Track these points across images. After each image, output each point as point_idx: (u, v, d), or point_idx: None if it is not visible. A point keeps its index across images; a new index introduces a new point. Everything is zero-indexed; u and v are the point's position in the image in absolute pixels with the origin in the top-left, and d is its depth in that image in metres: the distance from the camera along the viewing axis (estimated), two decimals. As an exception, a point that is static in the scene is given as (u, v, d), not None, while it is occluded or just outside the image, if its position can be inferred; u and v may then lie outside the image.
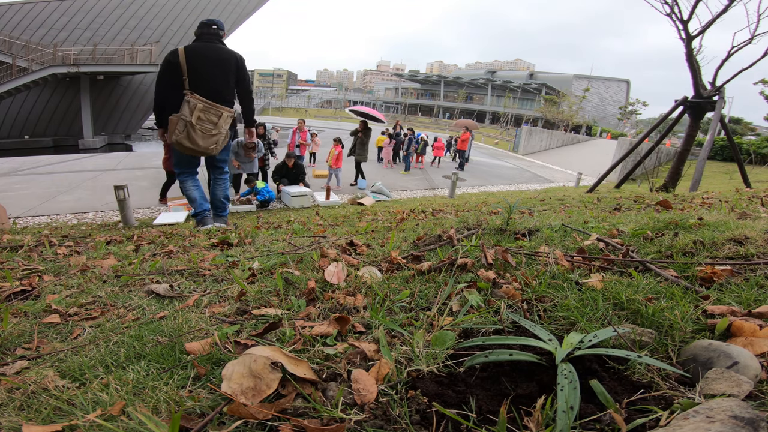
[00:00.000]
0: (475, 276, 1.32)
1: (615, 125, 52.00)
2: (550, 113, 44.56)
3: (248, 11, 27.12)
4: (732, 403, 0.59)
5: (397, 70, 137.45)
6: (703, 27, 7.62)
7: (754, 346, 0.81)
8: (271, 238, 2.72)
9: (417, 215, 4.10)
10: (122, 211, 5.19)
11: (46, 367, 0.94)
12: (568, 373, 0.71)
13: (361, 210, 6.19)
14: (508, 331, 0.98)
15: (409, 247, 1.85)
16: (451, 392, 0.75)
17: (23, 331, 1.18)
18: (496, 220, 2.35)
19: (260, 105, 58.97)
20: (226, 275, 1.65)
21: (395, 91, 76.34)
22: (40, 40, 21.87)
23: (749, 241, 1.48)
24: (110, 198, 7.12)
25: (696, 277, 1.21)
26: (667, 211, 2.59)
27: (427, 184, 12.48)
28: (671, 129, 9.17)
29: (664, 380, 0.75)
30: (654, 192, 7.13)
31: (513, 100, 59.19)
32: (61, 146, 21.93)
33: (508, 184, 14.20)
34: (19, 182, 9.06)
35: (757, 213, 2.31)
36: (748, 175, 8.53)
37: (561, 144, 30.92)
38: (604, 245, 1.63)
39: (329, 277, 1.35)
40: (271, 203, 7.75)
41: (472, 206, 5.00)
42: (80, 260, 2.12)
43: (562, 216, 2.76)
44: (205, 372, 0.84)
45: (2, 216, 4.43)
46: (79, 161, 12.78)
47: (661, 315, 0.96)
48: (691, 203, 3.35)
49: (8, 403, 0.78)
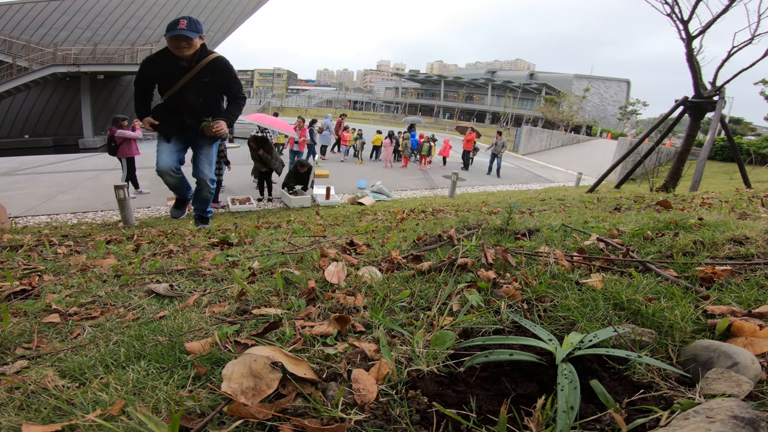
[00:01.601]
0: (475, 276, 1.32)
1: (615, 125, 51.98)
2: (550, 113, 44.53)
3: (248, 11, 27.13)
4: (732, 403, 0.59)
5: (397, 70, 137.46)
6: (704, 27, 7.62)
7: (754, 347, 0.81)
8: (271, 237, 2.72)
9: (417, 215, 4.10)
10: (122, 210, 5.19)
11: (46, 367, 0.94)
12: (568, 373, 0.71)
13: (361, 210, 6.19)
14: (508, 331, 0.98)
15: (409, 247, 1.85)
16: (451, 392, 0.75)
17: (23, 331, 1.18)
18: (497, 220, 2.35)
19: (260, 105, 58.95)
20: (226, 275, 1.65)
21: (395, 91, 76.30)
22: (41, 39, 21.88)
23: (749, 242, 1.48)
24: (110, 198, 7.13)
25: (696, 277, 1.20)
26: (667, 211, 2.58)
27: (427, 184, 12.48)
28: (671, 129, 9.17)
29: (665, 380, 0.75)
30: (654, 192, 7.13)
31: (513, 100, 59.16)
32: (61, 146, 21.93)
33: (508, 184, 14.20)
34: (19, 182, 9.06)
35: (758, 213, 2.31)
36: (748, 175, 8.53)
37: (561, 144, 30.90)
38: (605, 245, 1.63)
39: (329, 277, 1.35)
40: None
41: (472, 206, 5.00)
42: (80, 260, 2.12)
43: (562, 216, 2.76)
44: (205, 372, 0.84)
45: (2, 215, 4.43)
46: (79, 161, 12.78)
47: (661, 315, 0.96)
48: (691, 203, 3.35)
49: (8, 403, 0.78)
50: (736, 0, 7.22)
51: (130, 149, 7.88)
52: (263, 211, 7.43)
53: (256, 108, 57.19)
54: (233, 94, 3.75)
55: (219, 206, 7.68)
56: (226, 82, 3.66)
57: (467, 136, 16.17)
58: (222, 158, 7.39)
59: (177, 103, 3.59)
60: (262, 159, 8.18)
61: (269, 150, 8.26)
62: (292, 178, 8.46)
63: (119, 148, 7.80)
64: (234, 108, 3.78)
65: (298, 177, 8.53)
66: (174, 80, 3.49)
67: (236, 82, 3.73)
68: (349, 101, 77.73)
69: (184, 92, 3.55)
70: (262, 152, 8.08)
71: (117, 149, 7.81)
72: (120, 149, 7.80)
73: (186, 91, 3.54)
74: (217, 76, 3.57)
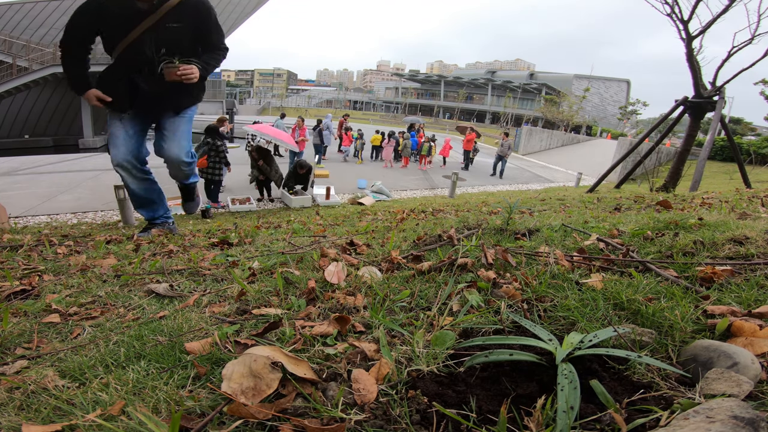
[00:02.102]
0: (475, 276, 1.32)
1: (615, 125, 51.96)
2: (550, 113, 44.54)
3: (248, 11, 27.13)
4: (732, 403, 0.59)
5: (397, 70, 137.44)
6: (704, 27, 7.62)
7: (754, 347, 0.81)
8: (271, 237, 2.72)
9: (417, 215, 4.10)
10: (122, 210, 5.19)
11: (45, 367, 0.94)
12: (568, 373, 0.71)
13: (361, 210, 6.20)
14: (508, 331, 0.98)
15: (409, 247, 1.85)
16: (451, 392, 0.75)
17: (23, 331, 1.18)
18: (497, 220, 2.35)
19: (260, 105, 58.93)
20: (226, 275, 1.65)
21: (395, 91, 76.30)
22: (41, 39, 21.88)
23: (749, 241, 1.48)
24: (110, 198, 7.12)
25: (696, 277, 1.20)
26: (667, 211, 2.58)
27: (427, 184, 12.48)
28: (671, 129, 9.17)
29: (665, 380, 0.75)
30: (654, 192, 7.13)
31: (513, 100, 59.15)
32: (61, 146, 21.93)
33: (508, 184, 14.20)
34: (19, 182, 9.06)
35: (758, 213, 2.31)
36: (748, 175, 8.53)
37: (561, 144, 30.90)
38: (605, 245, 1.63)
39: (329, 277, 1.35)
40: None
41: (472, 206, 5.00)
42: (80, 260, 2.12)
43: (562, 216, 2.76)
44: (205, 372, 0.84)
45: (2, 215, 4.43)
46: (79, 161, 12.78)
47: (661, 315, 0.96)
48: (691, 203, 3.35)
49: (8, 403, 0.78)
50: (736, 0, 7.22)
51: None
52: (263, 211, 7.43)
53: (255, 108, 57.10)
54: (213, 44, 2.84)
55: (219, 206, 7.67)
56: (204, 28, 2.73)
57: (468, 136, 16.16)
58: (222, 159, 7.31)
59: (130, 61, 2.67)
60: (261, 169, 8.19)
61: (270, 162, 8.27)
62: (291, 179, 8.47)
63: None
64: (211, 57, 2.84)
65: (298, 178, 8.54)
66: (127, 28, 2.56)
67: (218, 29, 2.84)
68: (349, 101, 77.70)
69: (140, 44, 2.60)
70: (262, 163, 8.09)
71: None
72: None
73: (143, 42, 2.59)
74: (190, 19, 2.64)
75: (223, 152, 7.37)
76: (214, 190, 7.38)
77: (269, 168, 8.25)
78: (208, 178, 7.13)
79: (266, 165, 8.18)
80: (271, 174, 8.35)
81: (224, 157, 7.39)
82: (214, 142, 7.03)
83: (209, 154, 7.04)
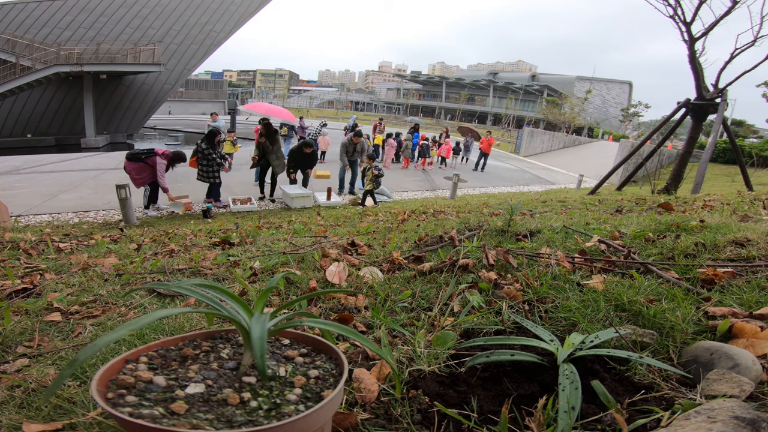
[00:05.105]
0: (476, 277, 1.32)
1: (617, 127, 51.95)
2: (551, 115, 44.52)
3: (251, 11, 27.17)
4: (733, 403, 0.59)
5: (399, 71, 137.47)
6: (706, 29, 7.61)
7: (755, 348, 0.80)
8: (273, 237, 2.72)
9: (418, 216, 4.10)
10: (124, 210, 5.20)
11: (47, 365, 0.94)
12: (569, 373, 0.71)
13: (362, 211, 6.20)
14: (509, 331, 0.98)
15: (410, 248, 1.85)
16: (452, 392, 0.75)
17: (24, 329, 1.18)
18: (498, 222, 2.35)
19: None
20: (228, 274, 1.66)
21: (397, 92, 76.34)
22: (44, 39, 21.94)
23: (751, 244, 1.47)
24: (112, 197, 7.13)
25: (697, 279, 1.20)
26: (668, 214, 2.58)
27: (428, 185, 12.48)
28: (673, 131, 9.16)
29: (666, 381, 0.75)
30: (656, 194, 7.12)
31: (515, 102, 59.14)
32: (63, 145, 21.96)
33: (510, 185, 14.18)
34: (21, 181, 9.09)
35: (759, 216, 2.31)
36: (750, 178, 8.51)
37: (563, 146, 30.87)
38: (606, 247, 1.63)
39: (330, 277, 1.35)
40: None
41: (473, 207, 5.00)
42: (81, 258, 2.12)
43: (563, 218, 2.76)
44: (206, 370, 0.84)
45: (4, 214, 4.44)
46: (81, 160, 12.81)
47: (662, 316, 0.96)
48: (692, 206, 3.35)
49: (9, 401, 0.78)
50: (739, 2, 7.21)
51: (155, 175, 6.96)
52: (264, 211, 7.43)
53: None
54: None
55: (221, 205, 7.67)
56: None
57: (490, 140, 16.27)
58: (210, 163, 7.11)
59: None
60: (263, 147, 8.05)
61: (273, 142, 8.10)
62: (293, 161, 8.28)
63: (147, 175, 6.77)
64: None
65: (303, 158, 8.34)
66: None
67: None
68: (351, 102, 77.76)
69: None
70: (264, 140, 7.94)
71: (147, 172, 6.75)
72: (148, 176, 6.82)
73: None
74: None
75: (211, 157, 7.07)
76: (213, 190, 7.39)
77: (270, 148, 8.05)
78: (202, 180, 7.16)
79: (268, 144, 7.99)
80: (270, 154, 8.12)
81: (213, 161, 7.11)
82: (201, 147, 7.00)
83: (198, 156, 7.08)
